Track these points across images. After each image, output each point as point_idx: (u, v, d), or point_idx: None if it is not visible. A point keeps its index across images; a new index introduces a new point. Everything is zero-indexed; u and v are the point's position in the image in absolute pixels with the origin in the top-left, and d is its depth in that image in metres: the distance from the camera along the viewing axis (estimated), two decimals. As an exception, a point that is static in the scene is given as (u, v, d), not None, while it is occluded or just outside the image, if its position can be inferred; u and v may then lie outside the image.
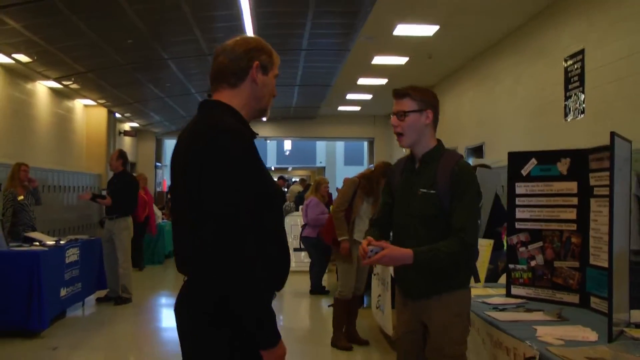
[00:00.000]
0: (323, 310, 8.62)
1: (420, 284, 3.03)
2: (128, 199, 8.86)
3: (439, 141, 3.15)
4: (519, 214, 3.71)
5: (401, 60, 11.59)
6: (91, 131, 15.04)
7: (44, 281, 6.65)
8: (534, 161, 3.67)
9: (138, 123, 17.83)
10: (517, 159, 3.76)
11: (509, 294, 3.74)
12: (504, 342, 2.93)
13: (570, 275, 3.49)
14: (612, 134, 2.73)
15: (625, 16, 6.60)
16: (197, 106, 2.30)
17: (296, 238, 11.05)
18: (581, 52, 7.46)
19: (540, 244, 3.62)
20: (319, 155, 34.98)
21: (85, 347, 6.57)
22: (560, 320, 3.12)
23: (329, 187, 10.62)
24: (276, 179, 22.25)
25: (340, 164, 34.41)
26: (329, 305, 7.33)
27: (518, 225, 3.71)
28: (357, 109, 18.11)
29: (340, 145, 33.36)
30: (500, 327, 3.02)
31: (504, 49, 10.12)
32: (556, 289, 3.55)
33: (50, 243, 7.46)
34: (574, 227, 3.49)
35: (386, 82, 13.57)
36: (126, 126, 17.73)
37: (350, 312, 6.44)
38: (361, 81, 13.82)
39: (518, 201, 3.71)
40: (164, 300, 9.69)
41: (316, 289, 9.60)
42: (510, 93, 9.85)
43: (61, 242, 7.65)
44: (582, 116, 7.42)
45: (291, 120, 19.65)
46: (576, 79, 7.56)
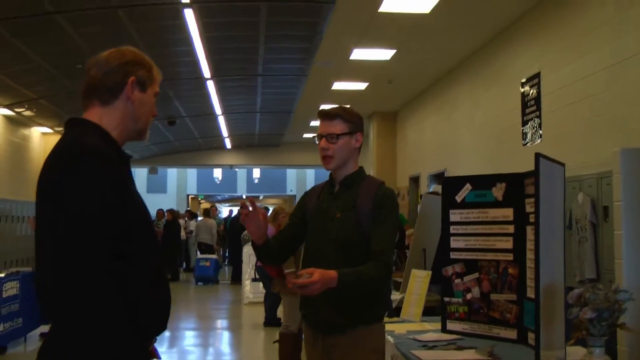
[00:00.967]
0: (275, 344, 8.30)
1: (333, 317, 2.77)
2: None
3: (360, 167, 3.03)
4: (454, 243, 3.42)
5: (361, 86, 11.40)
6: (49, 159, 14.69)
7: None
8: (468, 186, 3.40)
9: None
10: (451, 185, 3.52)
11: (444, 329, 3.46)
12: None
13: (508, 308, 3.23)
14: (537, 155, 2.50)
15: (579, 37, 6.45)
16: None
17: (254, 267, 10.72)
18: (537, 76, 7.33)
19: (477, 275, 3.34)
20: (289, 183, 34.60)
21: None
22: (492, 358, 2.87)
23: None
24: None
25: (311, 192, 33.91)
26: (274, 341, 7.00)
27: (453, 255, 3.41)
28: (322, 135, 17.91)
29: (310, 173, 32.97)
30: (424, 368, 2.76)
31: (461, 73, 9.99)
32: (493, 323, 3.27)
33: (-15, 277, 7.09)
34: (510, 257, 3.22)
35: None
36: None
37: (297, 347, 6.15)
38: (323, 107, 13.57)
39: (452, 229, 3.43)
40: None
41: (270, 320, 9.26)
42: (470, 118, 9.71)
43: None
44: (539, 140, 7.27)
45: (256, 147, 19.48)
46: (533, 102, 7.43)
